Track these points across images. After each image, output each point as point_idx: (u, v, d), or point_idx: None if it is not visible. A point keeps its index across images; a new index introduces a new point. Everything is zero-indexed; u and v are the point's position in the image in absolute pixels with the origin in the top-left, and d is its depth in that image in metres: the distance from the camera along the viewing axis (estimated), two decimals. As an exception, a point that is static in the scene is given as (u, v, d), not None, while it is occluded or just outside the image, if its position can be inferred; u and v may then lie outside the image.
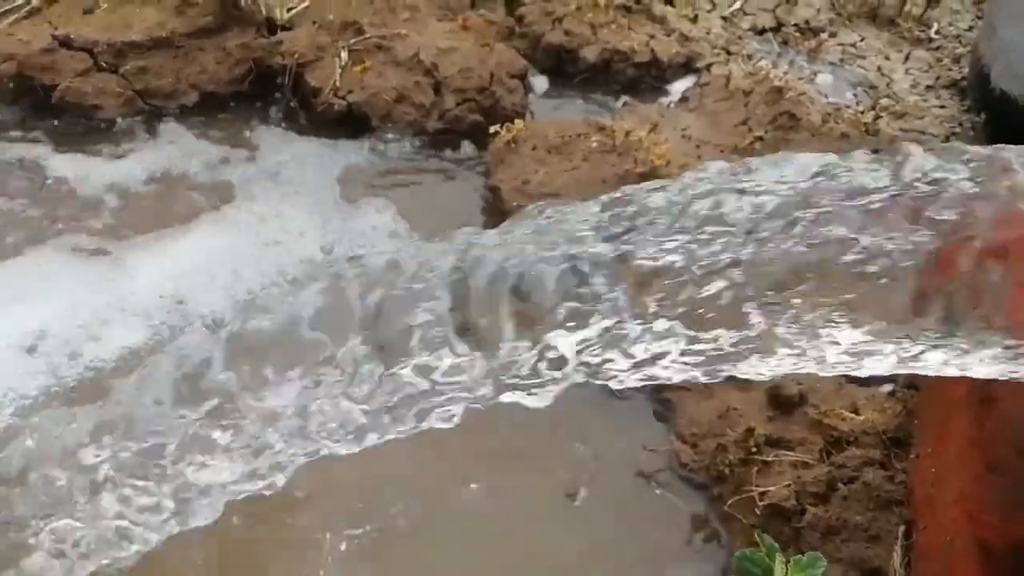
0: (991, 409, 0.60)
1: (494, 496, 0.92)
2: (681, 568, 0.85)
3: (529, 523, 0.90)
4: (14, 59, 1.49)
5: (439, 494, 0.92)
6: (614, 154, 1.42)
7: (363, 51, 1.59)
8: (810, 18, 2.14)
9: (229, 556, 0.84)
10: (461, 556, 0.87)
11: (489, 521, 0.90)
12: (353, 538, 0.87)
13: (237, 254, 1.22)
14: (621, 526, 0.91)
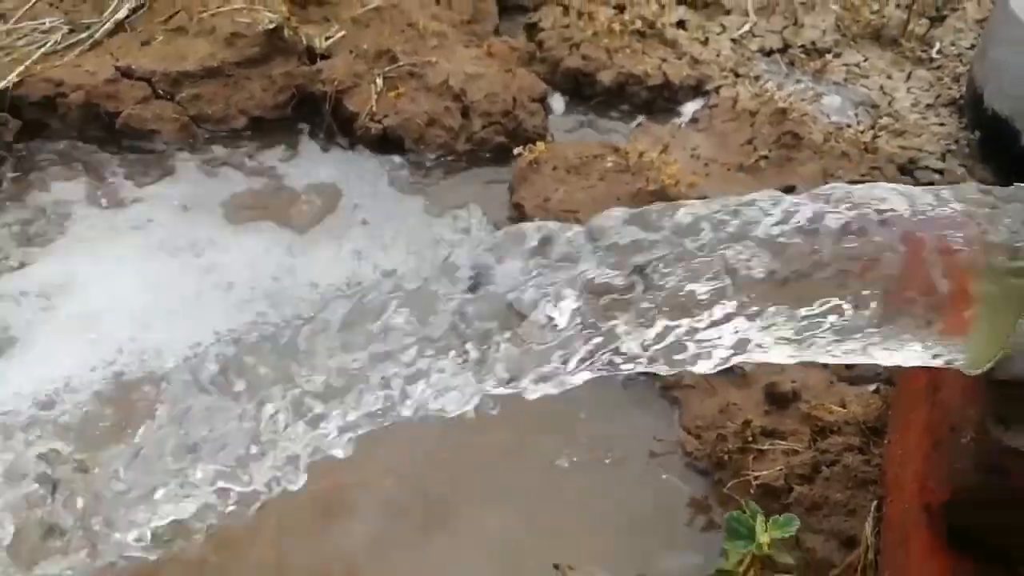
0: (936, 396, 0.72)
1: (524, 470, 1.05)
2: (684, 540, 0.97)
3: (552, 496, 1.03)
4: (82, 88, 1.64)
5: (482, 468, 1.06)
6: (628, 173, 1.55)
7: (397, 78, 1.72)
8: (816, 39, 2.25)
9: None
10: (487, 521, 1.00)
11: (518, 491, 1.03)
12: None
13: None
14: (633, 504, 1.03)
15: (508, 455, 1.08)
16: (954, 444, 0.64)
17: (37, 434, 1.00)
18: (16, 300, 1.29)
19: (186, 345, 1.22)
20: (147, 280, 1.35)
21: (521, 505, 1.03)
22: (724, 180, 1.61)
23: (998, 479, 0.60)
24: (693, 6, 2.32)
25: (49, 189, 1.53)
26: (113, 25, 1.79)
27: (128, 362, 1.20)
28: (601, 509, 1.02)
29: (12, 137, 1.59)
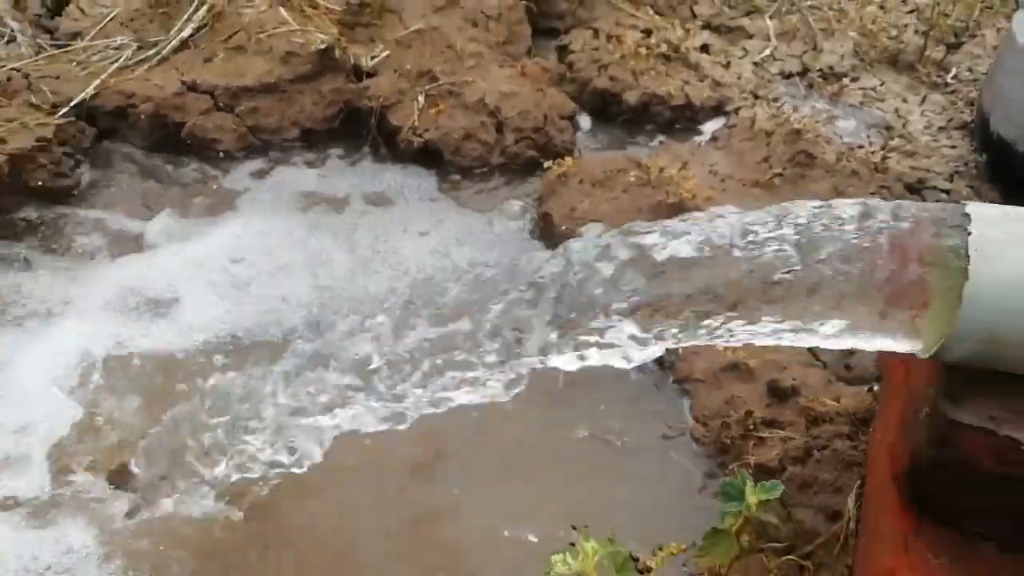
0: (908, 384, 0.83)
1: (549, 448, 1.19)
2: (691, 512, 1.09)
3: (572, 470, 1.16)
4: (151, 100, 1.80)
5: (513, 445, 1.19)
6: (649, 187, 1.67)
7: (437, 95, 1.87)
8: (834, 64, 2.36)
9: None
10: (514, 490, 1.13)
11: (543, 465, 1.16)
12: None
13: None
14: (646, 482, 1.15)
15: (536, 435, 1.21)
16: (914, 420, 0.75)
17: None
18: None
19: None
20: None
21: (545, 477, 1.15)
22: (739, 195, 1.72)
23: (947, 448, 0.71)
24: (717, 31, 2.45)
25: (122, 187, 1.68)
26: (178, 43, 1.95)
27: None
28: (616, 483, 1.14)
29: (89, 143, 1.76)
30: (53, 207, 1.59)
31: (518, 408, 1.21)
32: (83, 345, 1.29)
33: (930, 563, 0.76)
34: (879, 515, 0.85)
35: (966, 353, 0.69)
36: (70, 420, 1.19)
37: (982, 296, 0.65)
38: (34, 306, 1.38)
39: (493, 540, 1.08)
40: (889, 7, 2.60)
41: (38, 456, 1.14)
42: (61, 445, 1.16)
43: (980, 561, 0.76)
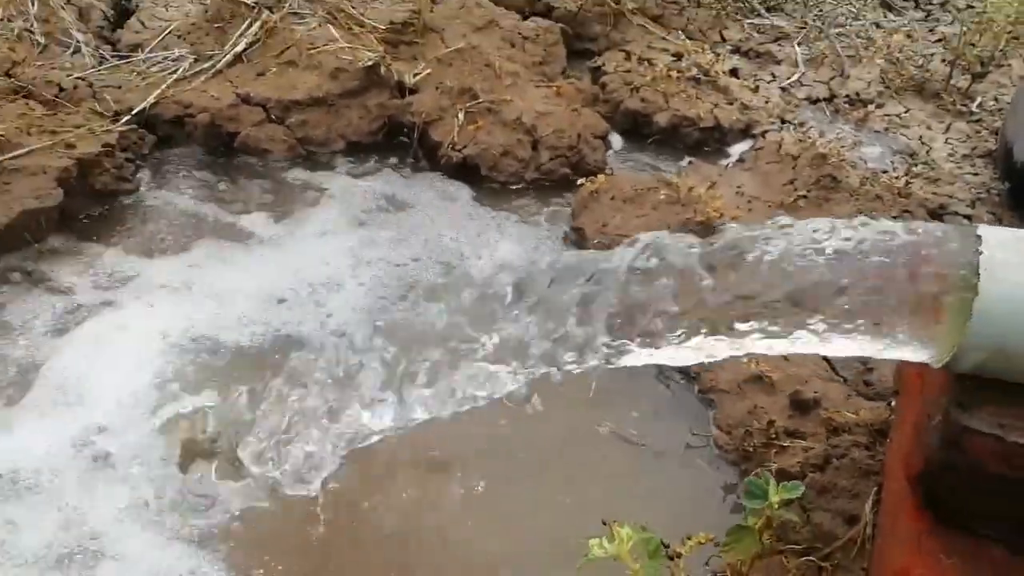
0: (923, 394, 0.88)
1: (580, 451, 1.26)
2: (713, 514, 1.14)
3: (601, 473, 1.22)
4: (208, 111, 1.90)
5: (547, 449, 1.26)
6: (678, 205, 1.73)
7: (476, 113, 1.95)
8: (860, 90, 2.42)
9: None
10: (546, 488, 1.20)
11: (574, 467, 1.23)
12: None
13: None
14: (672, 487, 1.21)
15: (567, 440, 1.28)
16: (928, 426, 0.81)
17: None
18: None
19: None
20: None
21: (576, 477, 1.22)
22: (765, 216, 1.78)
23: (958, 452, 0.77)
24: (746, 55, 2.52)
25: (180, 190, 1.78)
26: (232, 57, 2.06)
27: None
28: (643, 486, 1.21)
29: (148, 149, 1.86)
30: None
31: (550, 412, 1.30)
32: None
33: (942, 562, 0.82)
34: (895, 518, 0.91)
35: (976, 363, 0.75)
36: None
37: (991, 311, 0.71)
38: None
39: (528, 530, 1.15)
40: (916, 36, 2.66)
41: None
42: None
43: (990, 562, 0.81)
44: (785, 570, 1.02)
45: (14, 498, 1.14)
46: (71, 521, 1.12)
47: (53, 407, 1.27)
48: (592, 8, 2.51)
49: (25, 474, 1.17)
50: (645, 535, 0.78)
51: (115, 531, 1.11)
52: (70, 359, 1.35)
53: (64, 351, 1.36)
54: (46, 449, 1.20)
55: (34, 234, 1.54)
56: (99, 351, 1.37)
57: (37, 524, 1.11)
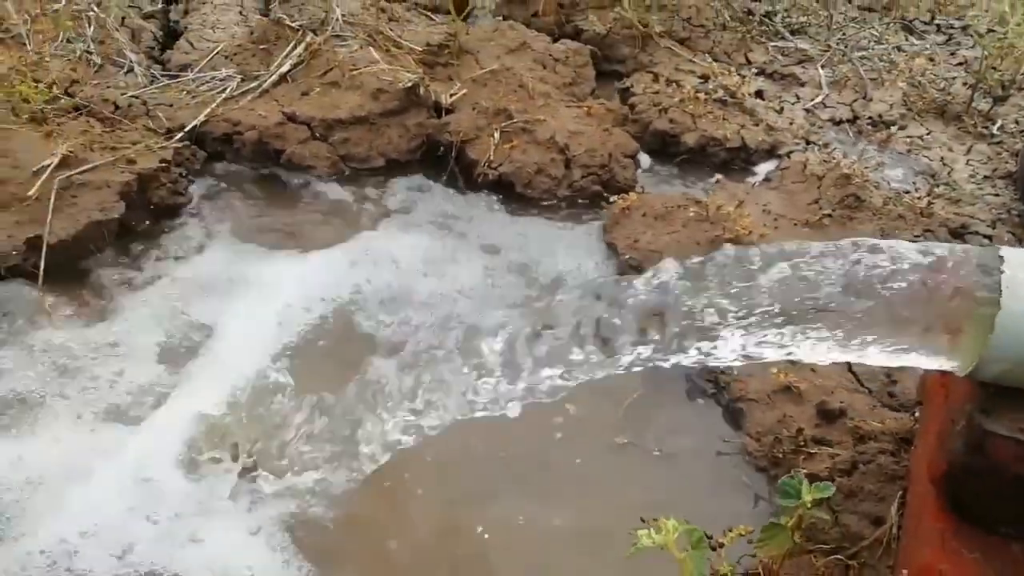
0: (947, 402, 0.94)
1: (614, 458, 1.32)
2: (745, 517, 1.20)
3: (635, 479, 1.29)
4: (255, 129, 1.99)
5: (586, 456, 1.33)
6: (707, 222, 1.80)
7: (511, 132, 2.03)
8: (883, 112, 2.48)
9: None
10: (586, 490, 1.26)
11: (611, 474, 1.30)
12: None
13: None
14: (703, 491, 1.27)
15: (603, 450, 1.34)
16: (952, 431, 0.87)
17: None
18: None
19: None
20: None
21: (613, 483, 1.28)
22: (791, 233, 1.85)
23: (980, 454, 0.82)
24: (771, 78, 2.59)
25: (231, 205, 1.87)
26: (278, 77, 2.15)
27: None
28: (677, 490, 1.27)
29: (199, 165, 1.95)
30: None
31: (586, 417, 1.36)
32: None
33: (965, 558, 0.88)
34: (919, 519, 0.97)
35: (998, 373, 0.81)
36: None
37: (1012, 325, 0.77)
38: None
39: (571, 527, 1.22)
40: (938, 60, 2.72)
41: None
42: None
43: (1010, 558, 0.87)
44: (814, 568, 1.08)
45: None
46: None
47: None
48: (620, 31, 2.59)
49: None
50: (689, 527, 0.85)
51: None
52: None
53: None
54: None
55: (97, 244, 1.63)
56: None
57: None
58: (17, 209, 1.58)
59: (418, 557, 1.17)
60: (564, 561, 1.18)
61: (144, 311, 1.54)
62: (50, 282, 1.53)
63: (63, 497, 1.18)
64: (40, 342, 1.43)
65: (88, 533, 1.14)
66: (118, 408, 1.34)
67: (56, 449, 1.25)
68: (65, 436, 1.28)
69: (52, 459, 1.23)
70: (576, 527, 1.21)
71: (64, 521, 1.15)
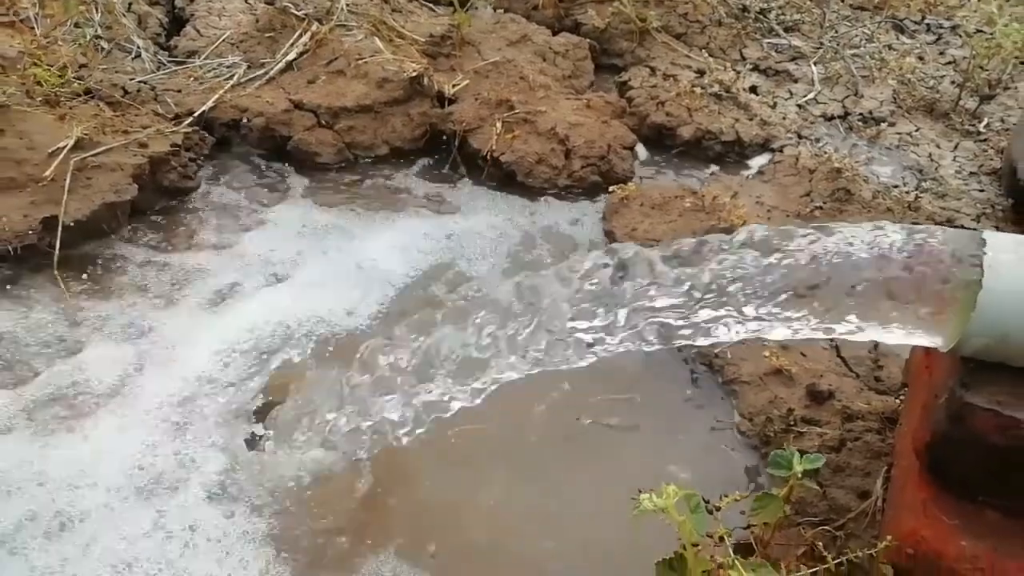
0: (930, 378, 1.00)
1: (612, 437, 1.38)
2: (737, 487, 1.26)
3: (630, 456, 1.35)
4: (263, 115, 2.03)
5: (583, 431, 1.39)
6: (703, 212, 1.86)
7: (513, 123, 2.08)
8: (874, 109, 2.54)
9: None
10: (584, 464, 1.32)
11: (608, 450, 1.35)
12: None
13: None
14: (697, 467, 1.33)
15: (602, 429, 1.40)
16: (935, 404, 0.93)
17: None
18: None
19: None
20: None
21: (609, 459, 1.34)
22: (783, 224, 1.91)
23: (960, 425, 0.88)
24: (765, 73, 2.65)
25: (235, 188, 1.91)
26: (284, 65, 2.19)
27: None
28: (673, 466, 1.33)
29: (208, 150, 1.99)
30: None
31: (584, 395, 1.42)
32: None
33: (946, 524, 0.94)
34: (903, 490, 1.03)
35: (978, 348, 0.87)
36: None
37: (992, 303, 0.83)
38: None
39: (563, 499, 1.28)
40: (927, 58, 2.79)
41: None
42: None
43: (987, 524, 0.93)
44: (803, 539, 1.14)
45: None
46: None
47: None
48: (619, 25, 2.64)
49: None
50: (688, 492, 0.91)
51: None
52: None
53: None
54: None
55: (110, 225, 1.67)
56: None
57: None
58: (33, 189, 1.62)
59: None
60: (554, 532, 1.23)
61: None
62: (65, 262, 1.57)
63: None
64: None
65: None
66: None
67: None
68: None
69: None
70: (567, 497, 1.27)
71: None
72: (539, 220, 1.92)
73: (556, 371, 1.12)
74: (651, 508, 0.89)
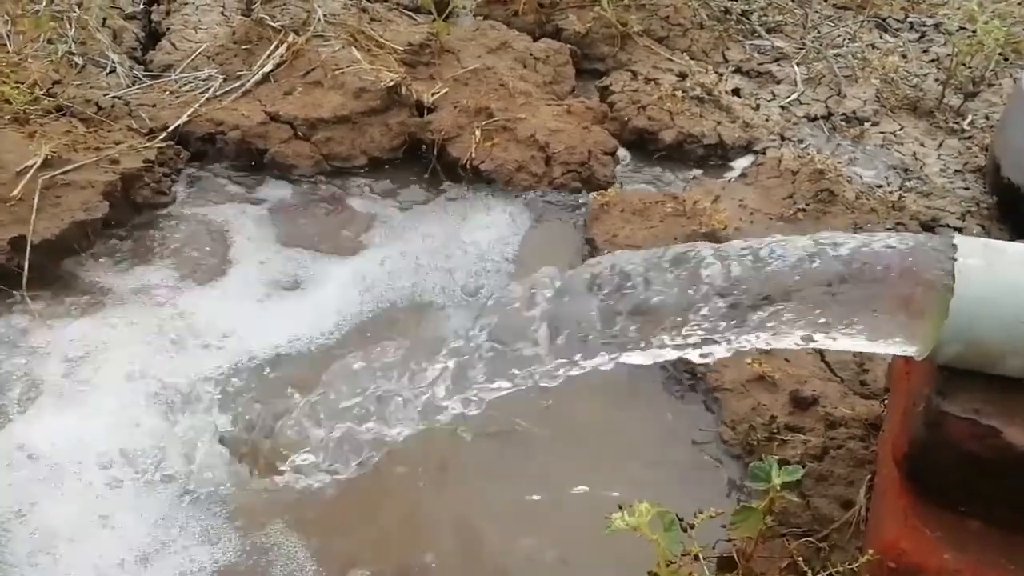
0: (910, 386, 0.98)
1: (595, 443, 1.36)
2: (719, 504, 1.24)
3: (613, 465, 1.32)
4: (239, 128, 2.01)
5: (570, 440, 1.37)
6: (684, 217, 1.84)
7: (493, 130, 2.06)
8: (857, 109, 2.53)
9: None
10: (570, 472, 1.30)
11: (592, 459, 1.33)
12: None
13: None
14: (679, 474, 1.31)
15: (585, 436, 1.38)
16: (913, 413, 0.91)
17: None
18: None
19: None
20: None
21: (591, 466, 1.32)
22: (766, 227, 1.89)
23: (938, 433, 0.86)
24: (748, 75, 2.64)
25: (211, 203, 1.89)
26: (261, 77, 2.17)
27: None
28: (655, 475, 1.30)
29: (183, 165, 1.97)
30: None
31: (573, 406, 1.40)
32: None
33: (926, 535, 0.92)
34: (885, 499, 1.01)
35: (953, 355, 0.85)
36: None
37: (964, 309, 0.81)
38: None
39: (546, 514, 1.26)
40: (910, 57, 2.77)
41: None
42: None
43: (969, 534, 0.91)
44: (787, 550, 1.12)
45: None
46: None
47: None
48: (600, 30, 2.62)
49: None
50: (661, 509, 0.88)
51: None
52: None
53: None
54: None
55: (81, 243, 1.65)
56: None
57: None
58: (0, 209, 1.59)
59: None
60: (548, 543, 1.21)
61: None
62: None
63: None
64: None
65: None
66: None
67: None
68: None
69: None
70: (552, 512, 1.25)
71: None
72: (520, 226, 1.89)
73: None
74: (623, 527, 0.86)
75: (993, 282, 0.81)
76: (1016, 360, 0.85)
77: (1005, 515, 0.90)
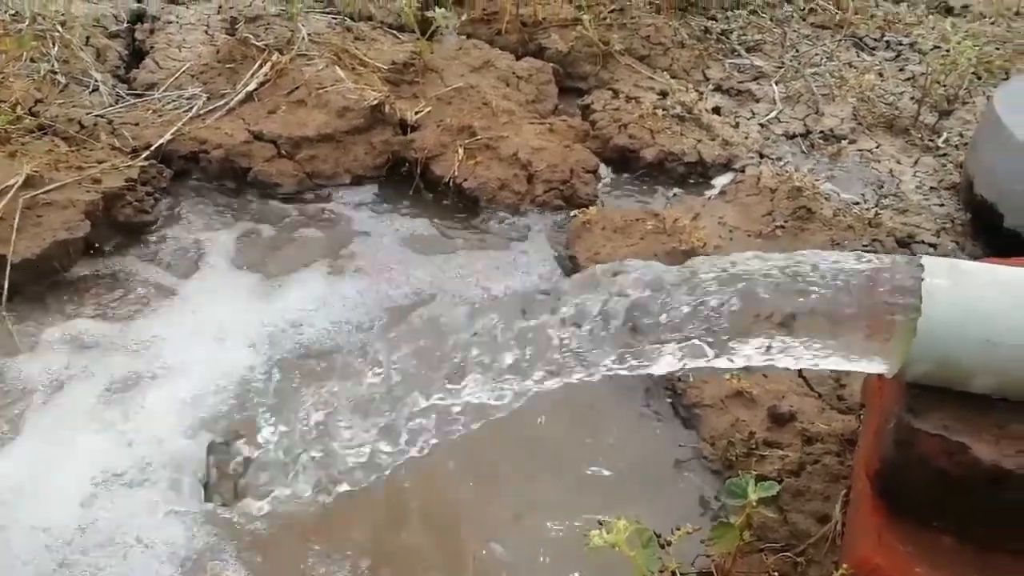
0: (882, 403, 1.00)
1: (575, 458, 1.38)
2: (699, 519, 1.25)
3: (595, 478, 1.33)
4: (222, 147, 2.02)
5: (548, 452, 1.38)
6: (664, 235, 1.86)
7: (476, 149, 2.08)
8: (834, 127, 2.57)
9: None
10: (547, 485, 1.31)
11: (571, 470, 1.34)
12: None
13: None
14: (658, 490, 1.32)
15: (563, 451, 1.39)
16: (885, 430, 0.92)
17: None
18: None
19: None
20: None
21: (572, 480, 1.33)
22: (745, 245, 1.91)
23: (909, 450, 0.88)
24: (727, 94, 2.67)
25: (192, 222, 1.89)
26: (244, 96, 2.18)
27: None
28: (634, 492, 1.31)
29: (166, 183, 1.97)
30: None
31: (551, 422, 1.41)
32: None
33: (900, 551, 0.93)
34: (860, 514, 1.02)
35: (921, 373, 0.87)
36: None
37: (931, 329, 0.83)
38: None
39: (528, 529, 1.26)
40: (886, 75, 2.82)
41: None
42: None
43: (942, 551, 0.93)
44: (764, 566, 1.13)
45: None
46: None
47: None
48: (582, 49, 2.66)
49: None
50: (639, 527, 0.89)
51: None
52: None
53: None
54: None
55: (62, 262, 1.64)
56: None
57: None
58: (-19, 229, 1.59)
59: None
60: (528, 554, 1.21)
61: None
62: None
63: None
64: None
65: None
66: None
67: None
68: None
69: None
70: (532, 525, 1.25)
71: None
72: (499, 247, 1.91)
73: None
74: (601, 544, 0.87)
75: (960, 303, 0.83)
76: (984, 379, 0.87)
77: (977, 531, 0.91)
